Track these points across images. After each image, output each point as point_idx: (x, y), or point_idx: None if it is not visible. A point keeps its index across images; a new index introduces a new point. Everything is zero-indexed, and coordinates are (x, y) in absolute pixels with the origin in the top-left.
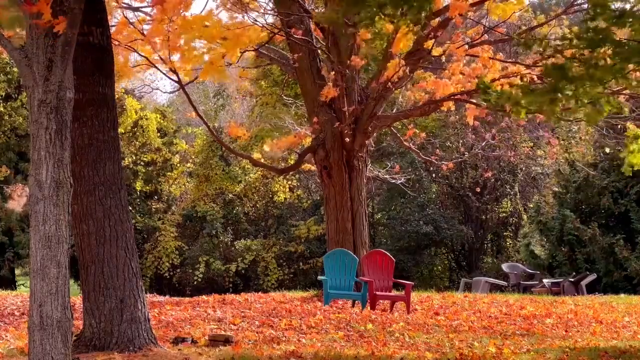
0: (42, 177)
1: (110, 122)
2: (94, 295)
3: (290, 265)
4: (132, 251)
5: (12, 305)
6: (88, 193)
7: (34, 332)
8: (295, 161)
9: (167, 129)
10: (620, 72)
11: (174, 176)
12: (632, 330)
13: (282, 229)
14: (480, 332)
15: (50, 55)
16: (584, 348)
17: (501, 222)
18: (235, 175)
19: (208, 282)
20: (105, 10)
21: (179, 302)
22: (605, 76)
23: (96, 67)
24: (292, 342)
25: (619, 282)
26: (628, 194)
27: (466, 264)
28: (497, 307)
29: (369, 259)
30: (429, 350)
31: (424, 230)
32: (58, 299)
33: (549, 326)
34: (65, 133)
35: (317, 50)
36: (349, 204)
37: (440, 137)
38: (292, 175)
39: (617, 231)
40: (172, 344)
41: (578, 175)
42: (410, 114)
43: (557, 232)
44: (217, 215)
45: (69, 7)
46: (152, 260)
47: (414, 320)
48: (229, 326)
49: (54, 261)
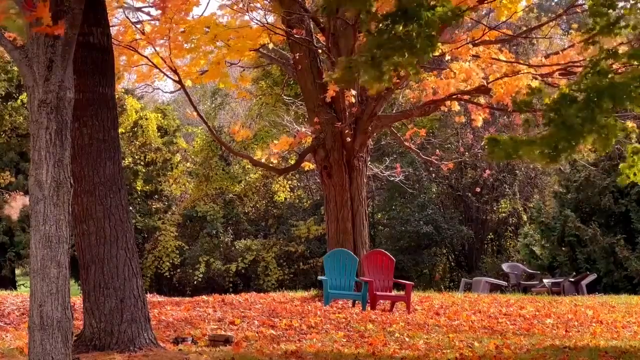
0: (42, 177)
1: (111, 122)
2: (94, 295)
3: (291, 265)
4: (132, 251)
5: (12, 305)
6: (88, 193)
7: (34, 332)
8: (295, 161)
9: (168, 128)
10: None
11: (174, 176)
12: (632, 330)
13: (282, 229)
14: (481, 332)
15: (51, 55)
16: (584, 348)
17: (501, 222)
18: (235, 175)
19: (208, 282)
20: (105, 11)
21: (179, 302)
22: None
23: (96, 67)
24: (292, 342)
25: (619, 282)
26: (628, 194)
27: (466, 264)
28: (497, 307)
29: (369, 259)
30: (429, 350)
31: (424, 230)
32: (58, 299)
33: (549, 326)
34: (66, 133)
35: (317, 50)
36: (349, 204)
37: (440, 137)
38: (292, 175)
39: (618, 231)
40: (173, 344)
41: (579, 175)
42: (410, 114)
43: (558, 232)
44: (217, 215)
45: (69, 7)
46: (152, 260)
47: (414, 320)
48: (229, 326)
49: (54, 261)
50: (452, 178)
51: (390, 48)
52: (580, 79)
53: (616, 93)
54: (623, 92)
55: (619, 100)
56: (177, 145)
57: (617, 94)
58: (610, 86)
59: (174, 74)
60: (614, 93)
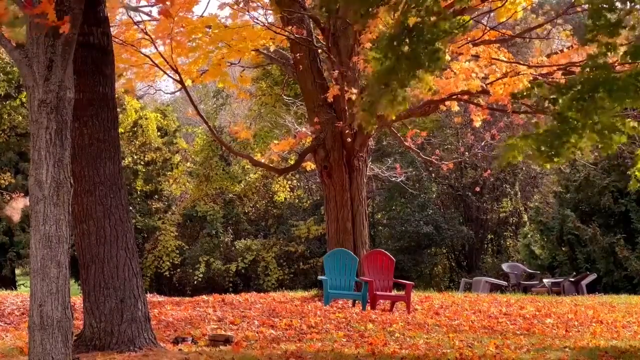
0: (42, 177)
1: (111, 122)
2: (94, 295)
3: (291, 265)
4: (132, 251)
5: (12, 305)
6: (88, 193)
7: (34, 332)
8: (295, 161)
9: (168, 128)
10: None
11: (174, 176)
12: (632, 330)
13: (282, 229)
14: (481, 332)
15: (51, 55)
16: (584, 348)
17: (501, 222)
18: (236, 175)
19: (208, 282)
20: (105, 11)
21: (179, 302)
22: (605, 120)
23: (96, 67)
24: (292, 342)
25: (619, 282)
26: (628, 194)
27: (466, 264)
28: (497, 307)
29: (369, 259)
30: (429, 350)
31: (424, 230)
32: (58, 298)
33: (549, 326)
34: (66, 133)
35: (317, 50)
36: (349, 204)
37: (440, 137)
38: (292, 175)
39: (618, 231)
40: (173, 344)
41: (578, 174)
42: (411, 114)
43: (558, 232)
44: (217, 215)
45: (69, 7)
46: (152, 259)
47: (414, 320)
48: (229, 326)
49: (54, 261)
50: (452, 178)
51: (402, 70)
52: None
53: (613, 88)
54: (620, 88)
55: (616, 95)
56: (177, 146)
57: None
58: (606, 80)
59: (175, 73)
60: (610, 88)
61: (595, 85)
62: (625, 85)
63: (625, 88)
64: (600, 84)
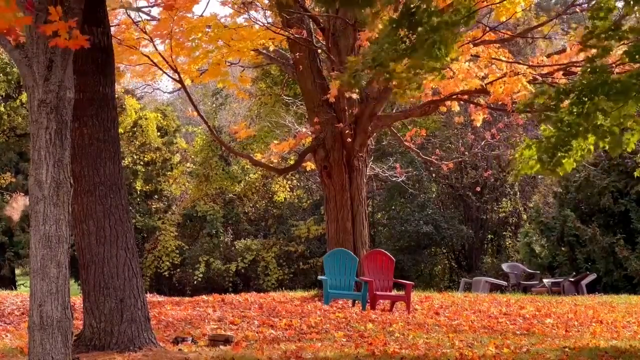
0: (42, 177)
1: (111, 122)
2: (94, 295)
3: (290, 265)
4: (132, 251)
5: (12, 305)
6: (88, 193)
7: (34, 332)
8: (295, 161)
9: (168, 128)
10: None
11: (174, 176)
12: (632, 330)
13: (282, 229)
14: (480, 332)
15: (51, 55)
16: (584, 348)
17: (501, 222)
18: (235, 175)
19: (208, 281)
20: (105, 10)
21: (179, 302)
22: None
23: (96, 67)
24: (292, 342)
25: (619, 282)
26: (628, 194)
27: (466, 263)
28: (497, 307)
29: (369, 258)
30: (429, 350)
31: (424, 230)
32: (58, 298)
33: (549, 326)
34: (66, 133)
35: (317, 50)
36: (349, 204)
37: (440, 137)
38: (292, 175)
39: (617, 231)
40: (172, 344)
41: (578, 175)
42: (410, 114)
43: (558, 232)
44: (217, 215)
45: (69, 7)
46: (152, 259)
47: (414, 320)
48: (229, 326)
49: (54, 261)
50: (452, 178)
51: (408, 52)
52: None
53: (611, 91)
54: (619, 90)
55: (615, 98)
56: (177, 146)
57: (613, 92)
58: (604, 83)
59: (175, 72)
60: (608, 90)
61: (594, 89)
62: (626, 86)
63: (626, 89)
64: (600, 86)
